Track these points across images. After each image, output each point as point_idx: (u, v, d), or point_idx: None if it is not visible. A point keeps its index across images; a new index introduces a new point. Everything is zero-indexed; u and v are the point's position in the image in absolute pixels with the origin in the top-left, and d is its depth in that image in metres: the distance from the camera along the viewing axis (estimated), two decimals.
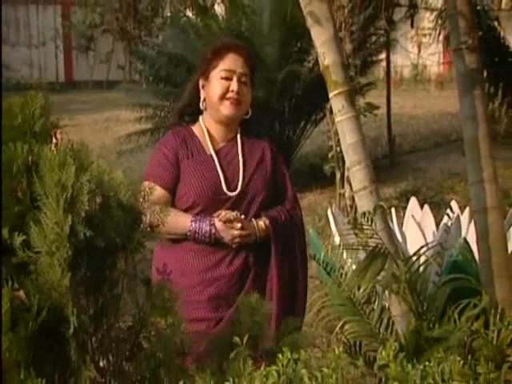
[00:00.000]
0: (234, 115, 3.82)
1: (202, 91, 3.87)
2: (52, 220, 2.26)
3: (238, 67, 3.81)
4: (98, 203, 2.31)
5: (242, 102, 3.81)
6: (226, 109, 3.80)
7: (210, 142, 3.86)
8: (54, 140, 2.46)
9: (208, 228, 3.69)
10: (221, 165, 3.81)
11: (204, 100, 3.87)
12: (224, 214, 3.69)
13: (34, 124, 2.44)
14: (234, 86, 3.78)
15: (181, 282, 3.53)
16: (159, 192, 3.63)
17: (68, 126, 2.68)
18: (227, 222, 3.68)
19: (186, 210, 3.76)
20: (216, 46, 3.93)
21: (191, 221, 3.71)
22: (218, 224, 3.69)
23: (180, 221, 3.70)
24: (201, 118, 3.92)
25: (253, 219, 3.76)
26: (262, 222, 3.77)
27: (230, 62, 3.82)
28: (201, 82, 3.87)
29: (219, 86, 3.79)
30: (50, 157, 2.31)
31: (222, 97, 3.79)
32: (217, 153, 3.84)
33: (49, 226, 2.26)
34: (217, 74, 3.81)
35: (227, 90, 3.78)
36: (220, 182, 3.77)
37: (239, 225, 3.68)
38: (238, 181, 3.79)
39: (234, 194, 3.78)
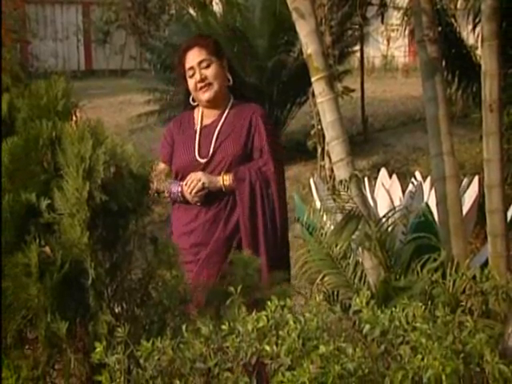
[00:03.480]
0: (211, 97, 3.85)
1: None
2: (73, 186, 2.25)
3: (194, 60, 3.84)
4: (112, 172, 2.30)
5: (213, 82, 3.84)
6: (202, 95, 3.85)
7: (201, 120, 3.92)
8: (74, 118, 2.45)
9: (177, 189, 3.82)
10: (200, 137, 3.87)
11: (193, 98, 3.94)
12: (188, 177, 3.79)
13: (57, 104, 2.42)
14: (197, 76, 3.82)
15: (174, 233, 3.89)
16: (162, 166, 3.90)
17: (87, 108, 2.66)
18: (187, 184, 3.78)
19: (176, 177, 3.89)
20: (177, 54, 4.00)
21: (169, 184, 3.84)
22: (184, 187, 3.79)
23: (166, 186, 3.83)
24: None
25: (221, 175, 3.78)
26: (228, 177, 3.77)
27: (188, 60, 3.86)
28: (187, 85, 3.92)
29: (190, 83, 3.86)
30: (71, 132, 2.30)
31: (195, 89, 3.85)
32: (204, 127, 3.90)
33: (70, 192, 2.25)
34: (187, 75, 3.87)
35: (195, 82, 3.84)
36: (194, 151, 3.84)
37: (199, 184, 3.75)
38: (210, 149, 3.83)
39: (204, 160, 3.83)
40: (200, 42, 3.93)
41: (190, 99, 3.94)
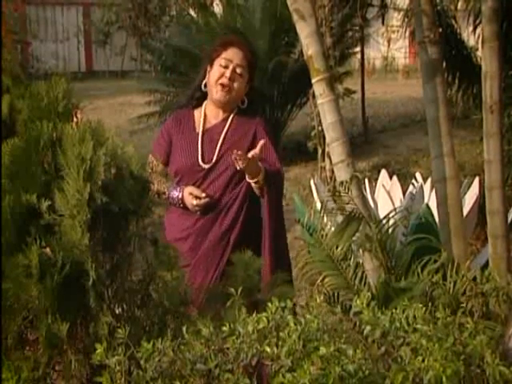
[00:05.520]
0: (223, 100, 3.79)
1: (207, 75, 3.85)
2: (73, 188, 2.25)
3: (235, 58, 3.77)
4: (112, 174, 2.30)
5: (234, 90, 3.78)
6: (217, 93, 3.78)
7: (203, 122, 3.85)
8: (74, 119, 2.45)
9: (177, 194, 3.74)
10: (203, 141, 3.80)
11: (205, 83, 3.85)
12: (192, 189, 3.71)
13: (58, 105, 2.42)
14: (227, 72, 3.75)
15: (167, 237, 3.71)
16: (157, 164, 3.81)
17: (88, 109, 2.66)
18: (192, 193, 3.70)
19: (174, 178, 3.82)
20: (223, 39, 3.97)
21: (167, 188, 3.77)
22: (185, 193, 3.72)
23: (161, 188, 3.76)
24: (205, 102, 3.90)
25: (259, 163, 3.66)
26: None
27: (231, 53, 3.79)
28: (208, 69, 3.85)
29: (217, 70, 3.78)
30: (72, 133, 2.31)
31: (217, 81, 3.76)
32: (206, 131, 3.83)
33: (71, 193, 2.25)
34: (218, 61, 3.79)
35: (222, 76, 3.76)
36: (197, 155, 3.77)
37: (202, 194, 3.70)
38: (214, 155, 3.78)
39: (207, 166, 3.76)
40: (249, 51, 3.85)
41: (203, 84, 3.85)
